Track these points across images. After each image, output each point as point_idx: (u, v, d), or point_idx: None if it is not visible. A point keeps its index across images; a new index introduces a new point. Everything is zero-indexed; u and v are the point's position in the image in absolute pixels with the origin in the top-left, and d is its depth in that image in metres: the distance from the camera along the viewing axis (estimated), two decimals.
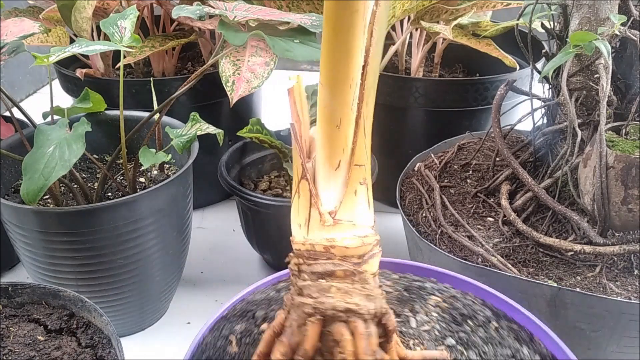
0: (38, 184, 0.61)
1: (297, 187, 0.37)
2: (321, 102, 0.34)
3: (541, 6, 0.72)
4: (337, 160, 0.35)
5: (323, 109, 0.34)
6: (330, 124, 0.34)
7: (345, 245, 0.36)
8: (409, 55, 1.08)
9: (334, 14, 0.31)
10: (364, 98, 0.34)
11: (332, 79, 0.33)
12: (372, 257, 0.37)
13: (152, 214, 0.70)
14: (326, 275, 0.36)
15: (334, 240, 0.36)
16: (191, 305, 0.87)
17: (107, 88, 0.90)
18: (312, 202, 0.36)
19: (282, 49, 0.67)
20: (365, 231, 0.37)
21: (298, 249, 0.37)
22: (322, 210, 0.36)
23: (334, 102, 0.34)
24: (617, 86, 0.71)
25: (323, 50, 0.33)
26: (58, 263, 0.69)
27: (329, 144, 0.35)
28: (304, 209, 0.36)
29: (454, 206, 0.75)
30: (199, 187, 0.87)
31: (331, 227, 0.36)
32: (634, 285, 0.62)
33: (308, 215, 0.36)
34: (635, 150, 0.61)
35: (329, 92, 0.34)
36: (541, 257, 0.66)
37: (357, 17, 0.31)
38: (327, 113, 0.34)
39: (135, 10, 0.72)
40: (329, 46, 0.32)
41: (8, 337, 0.55)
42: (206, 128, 0.78)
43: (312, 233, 0.36)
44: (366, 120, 0.35)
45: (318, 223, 0.36)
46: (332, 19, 0.32)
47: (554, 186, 0.71)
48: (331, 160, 0.35)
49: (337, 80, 0.33)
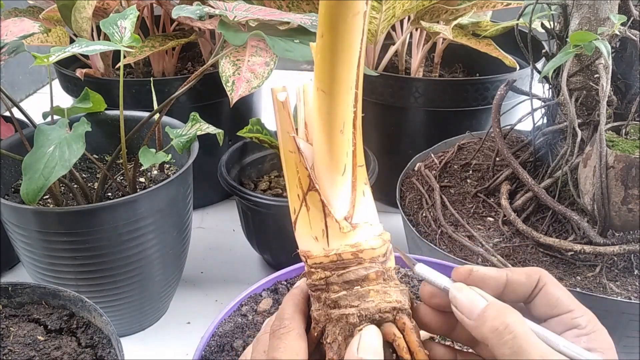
0: (38, 184, 0.61)
1: (302, 201, 0.36)
2: (322, 108, 0.33)
3: (541, 6, 0.72)
4: (342, 164, 0.35)
5: (325, 115, 0.33)
6: (334, 130, 0.33)
7: (372, 246, 0.35)
8: (409, 55, 1.08)
9: (335, 17, 0.31)
10: (358, 98, 0.34)
11: (335, 85, 0.32)
12: (391, 252, 0.37)
13: (152, 214, 0.70)
14: (361, 280, 0.35)
15: (359, 244, 0.35)
16: (191, 305, 0.87)
17: (107, 88, 0.90)
18: (326, 212, 0.35)
19: (282, 49, 0.67)
20: (380, 228, 0.37)
21: (319, 262, 0.35)
22: (338, 218, 0.35)
23: (337, 107, 0.33)
24: (617, 86, 0.71)
25: (321, 55, 0.32)
26: (58, 263, 0.69)
27: (333, 150, 0.34)
28: (317, 221, 0.35)
29: (454, 206, 0.75)
30: (199, 187, 0.87)
31: (351, 232, 0.35)
32: (634, 285, 0.62)
33: (325, 226, 0.35)
34: (635, 150, 0.61)
35: (331, 98, 0.33)
36: (541, 257, 0.66)
37: (359, 19, 0.31)
38: (329, 119, 0.33)
39: (135, 10, 0.72)
40: (329, 51, 0.31)
41: (8, 337, 0.55)
42: (206, 128, 0.78)
43: (333, 243, 0.35)
44: (359, 120, 0.35)
45: (337, 231, 0.35)
46: (334, 22, 0.31)
47: (554, 186, 0.71)
48: (337, 166, 0.35)
49: (339, 85, 0.32)
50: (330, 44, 0.31)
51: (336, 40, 0.31)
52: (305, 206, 0.35)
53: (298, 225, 0.36)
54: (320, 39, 0.32)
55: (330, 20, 0.31)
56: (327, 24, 0.31)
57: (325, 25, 0.31)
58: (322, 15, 0.31)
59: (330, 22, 0.31)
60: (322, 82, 0.33)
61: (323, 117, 0.33)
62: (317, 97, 0.33)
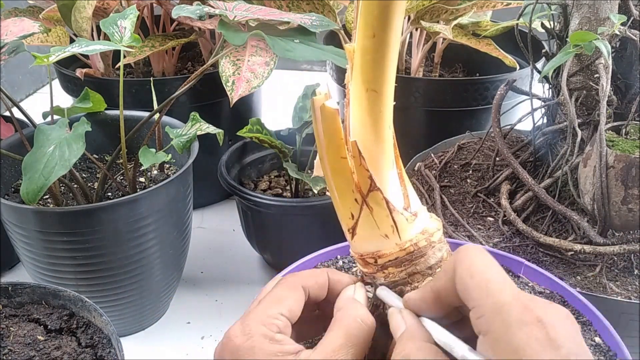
0: (38, 183, 0.61)
1: (361, 204, 0.35)
2: (374, 108, 0.33)
3: (541, 6, 0.72)
4: (391, 159, 0.35)
5: (378, 114, 0.33)
6: (385, 127, 0.34)
7: (437, 227, 0.37)
8: (409, 55, 1.08)
9: (388, 17, 0.31)
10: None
11: (386, 84, 0.33)
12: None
13: (152, 214, 0.70)
14: (439, 262, 0.36)
15: (427, 230, 0.36)
16: (191, 305, 0.87)
17: (107, 88, 0.90)
18: (391, 208, 0.35)
19: (282, 49, 0.67)
20: (425, 209, 0.38)
21: (394, 258, 0.36)
22: (401, 211, 0.35)
23: (388, 105, 0.33)
24: (617, 86, 0.71)
25: (371, 55, 0.32)
26: (58, 263, 0.69)
27: (385, 146, 0.35)
28: (384, 219, 0.35)
29: (454, 206, 0.75)
30: (199, 187, 0.87)
31: (415, 221, 0.36)
32: (634, 285, 0.62)
33: (393, 222, 0.35)
34: (635, 150, 0.61)
35: (383, 97, 0.33)
36: (541, 256, 0.66)
37: (403, 17, 0.32)
38: (381, 117, 0.34)
39: (135, 10, 0.72)
40: (381, 51, 0.32)
41: (8, 337, 0.55)
42: (206, 128, 0.78)
43: (404, 235, 0.36)
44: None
45: (405, 224, 0.36)
46: (387, 22, 0.31)
47: (554, 186, 0.71)
48: (388, 161, 0.35)
49: (390, 84, 0.33)
50: (382, 44, 0.32)
51: (388, 39, 0.32)
52: (368, 208, 0.35)
53: (360, 230, 0.36)
54: (371, 40, 0.32)
55: (383, 20, 0.31)
56: (379, 24, 0.31)
57: (377, 26, 0.31)
58: (372, 15, 0.31)
59: (383, 21, 0.31)
60: (373, 82, 0.33)
61: (374, 116, 0.34)
62: (367, 97, 0.33)
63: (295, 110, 0.87)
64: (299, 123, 0.86)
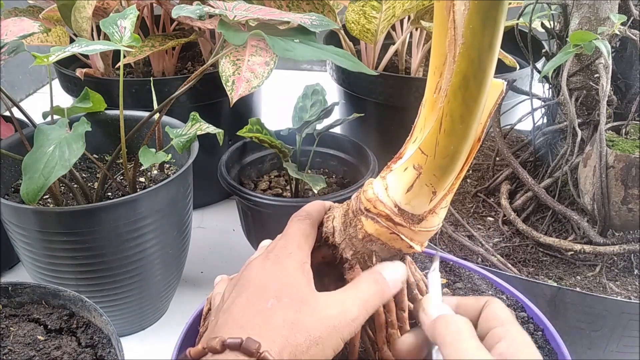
0: (38, 183, 0.61)
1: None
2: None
3: (541, 6, 0.72)
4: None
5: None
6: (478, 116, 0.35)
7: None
8: (409, 55, 1.08)
9: (490, 17, 0.32)
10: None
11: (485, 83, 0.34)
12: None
13: (152, 214, 0.70)
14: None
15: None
16: (191, 305, 0.87)
17: (107, 88, 0.90)
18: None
19: (282, 49, 0.67)
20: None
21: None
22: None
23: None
24: (617, 86, 0.71)
25: (476, 58, 0.33)
26: (58, 263, 0.69)
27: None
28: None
29: (453, 206, 0.75)
30: (199, 187, 0.87)
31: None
32: (634, 284, 0.62)
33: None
34: (635, 149, 0.61)
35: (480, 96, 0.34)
36: (541, 256, 0.66)
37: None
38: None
39: (135, 9, 0.72)
40: (486, 52, 0.33)
41: (8, 336, 0.55)
42: (206, 128, 0.78)
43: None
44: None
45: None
46: (491, 20, 0.32)
47: (554, 186, 0.71)
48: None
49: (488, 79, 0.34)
50: (480, 46, 0.34)
51: (488, 40, 0.34)
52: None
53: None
54: (476, 46, 0.33)
55: (485, 18, 0.32)
56: (478, 26, 0.32)
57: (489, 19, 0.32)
58: (474, 20, 0.32)
59: (485, 19, 0.32)
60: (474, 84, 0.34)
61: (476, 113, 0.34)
62: (470, 91, 0.34)
63: (295, 110, 0.87)
64: (299, 123, 0.85)
